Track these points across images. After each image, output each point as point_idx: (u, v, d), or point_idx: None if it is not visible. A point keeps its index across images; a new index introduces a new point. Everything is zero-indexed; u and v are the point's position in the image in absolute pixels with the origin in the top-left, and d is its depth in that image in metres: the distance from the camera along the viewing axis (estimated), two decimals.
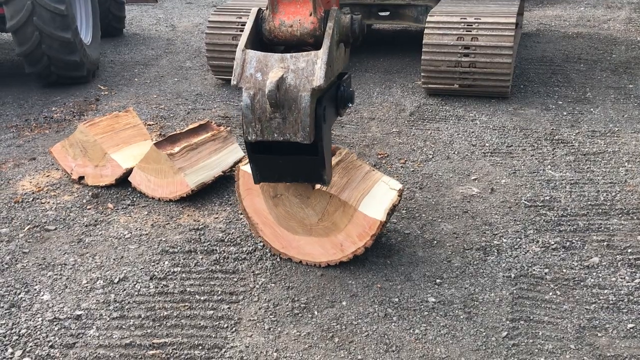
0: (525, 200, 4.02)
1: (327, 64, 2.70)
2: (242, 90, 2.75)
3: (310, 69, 2.69)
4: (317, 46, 2.88)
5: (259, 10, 2.92)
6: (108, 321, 2.98)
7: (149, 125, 5.49)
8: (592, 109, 5.64)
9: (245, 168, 3.36)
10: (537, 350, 2.75)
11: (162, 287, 3.22)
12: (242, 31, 6.32)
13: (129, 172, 4.25)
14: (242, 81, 2.75)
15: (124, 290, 3.21)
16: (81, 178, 4.38)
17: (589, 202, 3.97)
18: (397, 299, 3.09)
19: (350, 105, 3.18)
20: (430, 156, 4.74)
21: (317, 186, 3.19)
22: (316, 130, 2.77)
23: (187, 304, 3.09)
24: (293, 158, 2.87)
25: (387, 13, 7.14)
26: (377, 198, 3.29)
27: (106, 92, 6.59)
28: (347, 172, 3.37)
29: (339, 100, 3.11)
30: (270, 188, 3.31)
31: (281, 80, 2.65)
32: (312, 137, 2.74)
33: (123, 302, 3.11)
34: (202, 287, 3.21)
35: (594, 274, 3.27)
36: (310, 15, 2.84)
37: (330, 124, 3.08)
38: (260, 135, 2.75)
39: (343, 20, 2.90)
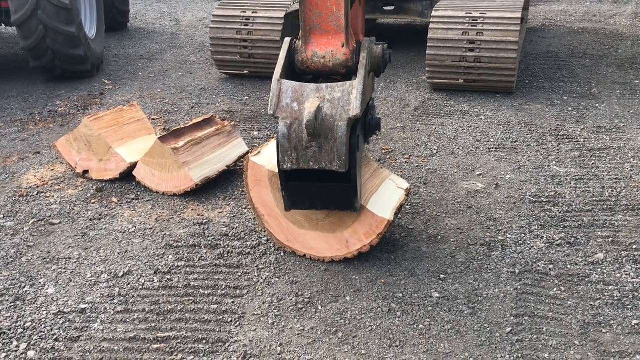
0: (530, 196, 4.01)
1: (362, 94, 2.77)
2: (279, 119, 2.79)
3: (346, 99, 2.76)
4: (348, 76, 2.95)
5: (292, 41, 2.98)
6: (112, 315, 2.99)
7: (153, 119, 5.49)
8: (597, 105, 5.61)
9: (255, 159, 3.38)
10: (541, 346, 2.74)
11: (166, 281, 3.23)
12: (246, 25, 6.33)
13: (133, 166, 4.25)
14: (278, 110, 2.80)
15: (129, 284, 3.21)
16: (85, 172, 4.39)
17: (594, 198, 3.96)
18: (401, 294, 3.09)
19: (377, 132, 3.25)
20: (435, 151, 4.73)
21: None
22: (350, 158, 2.83)
23: (191, 298, 3.09)
24: (326, 186, 2.93)
25: (392, 7, 7.11)
26: (385, 197, 3.31)
27: (110, 87, 6.60)
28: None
29: (367, 128, 3.18)
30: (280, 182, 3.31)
31: (318, 110, 2.72)
32: (347, 166, 2.80)
33: (127, 296, 3.11)
34: (206, 282, 3.22)
35: (599, 270, 3.26)
36: (343, 46, 2.89)
37: (362, 151, 3.16)
38: (296, 164, 2.81)
39: (375, 51, 2.96)
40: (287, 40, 2.99)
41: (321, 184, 2.92)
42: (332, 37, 2.89)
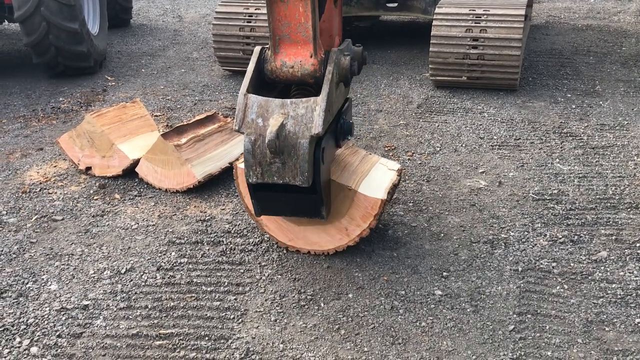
0: (533, 194, 4.00)
1: (325, 111, 2.78)
2: (244, 135, 2.84)
3: (309, 116, 2.78)
4: (317, 86, 2.96)
5: (262, 50, 2.97)
6: (115, 311, 2.99)
7: (156, 116, 5.49)
8: (601, 102, 5.59)
9: (243, 165, 3.35)
10: (544, 344, 2.74)
11: (168, 277, 3.23)
12: (249, 22, 6.32)
13: (136, 163, 4.25)
14: (243, 126, 2.83)
15: (131, 280, 3.22)
16: (88, 169, 4.39)
17: (598, 196, 3.95)
18: (403, 292, 3.09)
19: (349, 138, 3.26)
20: (438, 149, 4.72)
21: None
22: (315, 171, 2.88)
23: (193, 294, 3.09)
24: (293, 195, 2.98)
25: (395, 4, 7.09)
26: (376, 179, 3.32)
27: (113, 83, 6.60)
28: (343, 157, 3.39)
29: (338, 132, 3.19)
30: None
31: (281, 128, 2.74)
32: (310, 181, 2.85)
33: (130, 293, 3.12)
34: (209, 278, 3.22)
35: (602, 268, 3.25)
36: (311, 57, 2.89)
37: (330, 159, 3.18)
38: (261, 178, 2.87)
39: (343, 63, 2.94)
40: (257, 49, 2.99)
41: (288, 194, 2.98)
42: (301, 47, 2.90)
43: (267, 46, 2.98)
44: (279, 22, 2.87)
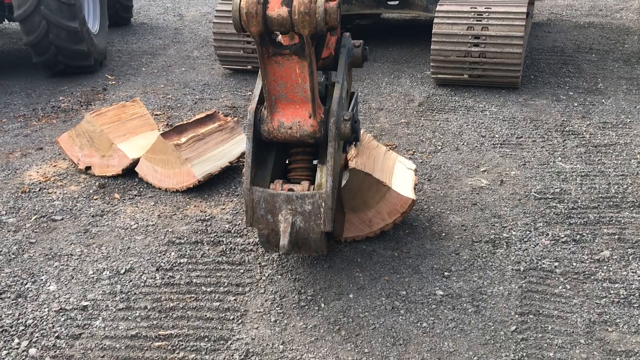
0: (535, 193, 3.98)
1: (331, 209, 2.80)
2: (257, 229, 2.93)
3: (317, 213, 2.80)
4: (317, 145, 2.94)
5: (257, 111, 2.87)
6: (114, 312, 2.97)
7: (156, 115, 5.47)
8: (603, 100, 5.56)
9: None
10: (546, 345, 2.71)
11: (168, 278, 3.21)
12: None
13: (136, 162, 4.23)
14: (255, 222, 2.88)
15: (130, 281, 3.20)
16: (88, 168, 4.37)
17: (600, 195, 3.92)
18: (404, 292, 3.06)
19: (356, 145, 3.27)
20: (439, 147, 4.69)
21: (352, 166, 3.26)
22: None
23: (193, 295, 3.08)
24: None
25: (397, 2, 7.05)
26: (400, 178, 3.46)
27: (113, 82, 6.58)
28: (370, 152, 3.48)
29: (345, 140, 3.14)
30: None
31: (292, 228, 2.79)
32: (326, 252, 3.05)
33: (129, 293, 3.10)
34: (209, 279, 3.20)
35: (605, 267, 3.23)
36: (310, 117, 2.81)
37: (342, 164, 3.21)
38: (283, 255, 3.11)
39: (344, 131, 2.85)
40: (251, 109, 2.85)
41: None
42: (299, 107, 2.81)
43: (263, 106, 2.88)
44: (274, 82, 2.77)
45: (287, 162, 3.11)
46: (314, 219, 2.79)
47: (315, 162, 3.02)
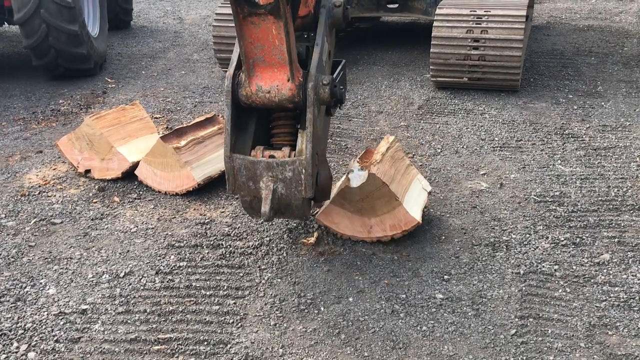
0: (534, 196, 3.98)
1: (312, 175, 2.81)
2: (240, 196, 2.96)
3: (298, 179, 2.80)
4: (296, 110, 2.90)
5: (234, 74, 2.83)
6: (113, 316, 2.97)
7: (156, 118, 5.47)
8: (603, 103, 5.56)
9: None
10: (546, 349, 2.71)
11: (167, 281, 3.21)
12: None
13: (136, 165, 4.23)
14: (237, 189, 2.90)
15: (130, 284, 3.19)
16: (87, 171, 4.37)
17: (600, 198, 3.92)
18: (404, 295, 3.06)
19: (340, 106, 3.21)
20: (439, 150, 4.69)
21: (373, 171, 3.29)
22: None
23: (192, 298, 3.07)
24: None
25: (396, 5, 7.07)
26: (414, 196, 3.51)
27: (113, 85, 6.58)
28: (394, 162, 3.53)
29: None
30: None
31: (273, 195, 2.81)
32: (310, 216, 3.08)
33: (129, 297, 3.09)
34: (208, 282, 3.19)
35: (605, 271, 3.22)
36: (288, 80, 2.77)
37: (326, 127, 3.21)
38: (265, 221, 3.13)
39: (322, 96, 2.81)
40: (229, 74, 2.82)
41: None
42: (278, 70, 2.76)
43: (241, 71, 2.83)
44: (251, 44, 2.72)
45: (270, 127, 3.07)
46: (295, 185, 2.80)
47: (298, 126, 2.99)
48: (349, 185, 3.33)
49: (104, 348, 2.76)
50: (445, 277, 3.20)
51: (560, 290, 3.08)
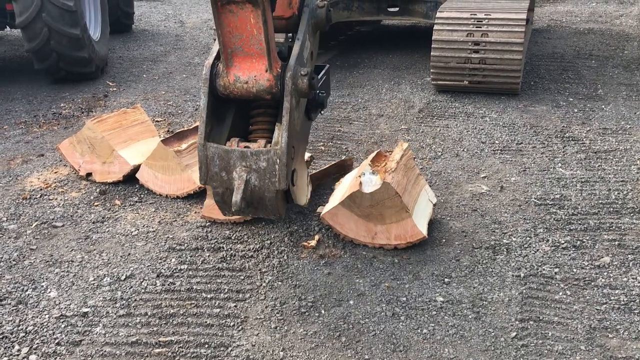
0: (535, 199, 3.98)
1: (287, 165, 2.74)
2: (212, 188, 2.87)
3: (272, 170, 2.74)
4: (275, 102, 2.86)
5: (213, 64, 2.81)
6: (114, 319, 2.97)
7: (157, 121, 5.48)
8: (603, 106, 5.57)
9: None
10: (546, 351, 2.71)
11: (168, 284, 3.21)
12: None
13: (137, 168, 4.24)
14: (209, 180, 2.84)
15: (131, 287, 3.20)
16: (89, 175, 4.38)
17: (600, 201, 3.92)
18: (405, 298, 3.06)
19: (321, 111, 3.21)
20: (439, 153, 4.70)
21: (387, 180, 3.30)
22: (287, 201, 2.95)
23: (193, 301, 3.08)
24: None
25: (397, 9, 7.09)
26: (421, 208, 3.54)
27: (114, 89, 6.60)
28: (406, 171, 3.55)
29: (310, 105, 3.10)
30: None
31: (246, 185, 2.73)
32: (284, 214, 2.93)
33: (130, 300, 3.10)
34: (209, 285, 3.20)
35: (605, 273, 3.22)
36: (267, 71, 2.75)
37: (307, 131, 3.21)
38: (237, 214, 3.00)
39: (301, 86, 2.78)
40: (208, 63, 2.80)
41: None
42: (256, 60, 2.73)
43: (219, 61, 2.81)
44: (229, 34, 2.69)
45: (248, 124, 3.04)
46: (269, 176, 2.74)
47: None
48: (361, 189, 3.34)
49: (105, 351, 2.77)
50: (446, 280, 3.20)
51: (560, 293, 3.08)
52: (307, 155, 3.94)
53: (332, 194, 3.73)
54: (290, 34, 3.08)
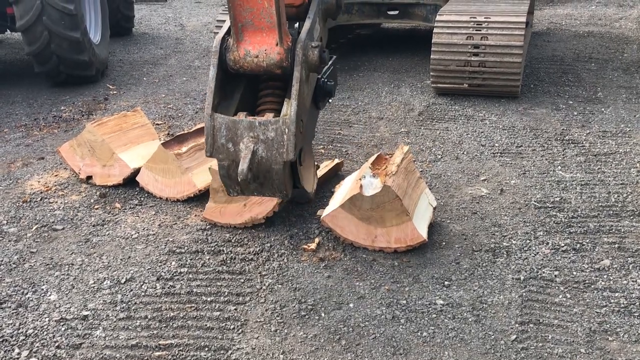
0: (535, 202, 3.98)
1: (295, 135, 2.69)
2: (217, 161, 2.79)
3: (280, 140, 2.69)
4: (284, 76, 2.83)
5: (223, 39, 2.81)
6: (114, 322, 2.97)
7: (157, 124, 5.49)
8: (603, 109, 5.58)
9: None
10: (546, 354, 2.71)
11: (168, 287, 3.22)
12: None
13: (137, 171, 4.24)
14: (215, 152, 2.77)
15: (131, 290, 3.20)
16: (89, 178, 4.38)
17: (600, 204, 3.92)
18: (405, 301, 3.07)
19: (329, 100, 3.20)
20: (439, 156, 4.70)
21: (388, 183, 3.31)
22: (294, 180, 2.89)
23: (193, 304, 3.08)
24: None
25: (397, 12, 7.10)
26: (421, 211, 3.54)
27: (115, 92, 6.60)
28: (407, 175, 3.56)
29: (318, 93, 3.09)
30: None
31: (252, 157, 2.68)
32: (290, 194, 2.86)
33: (130, 303, 3.10)
34: (209, 288, 3.20)
35: (605, 276, 3.23)
36: (277, 45, 2.73)
37: (314, 121, 3.19)
38: (241, 193, 2.88)
39: (311, 58, 2.78)
40: (218, 38, 2.80)
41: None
42: (266, 34, 2.72)
43: (230, 36, 2.81)
44: (240, 7, 2.68)
45: (257, 100, 3.01)
46: (277, 147, 2.68)
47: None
48: (362, 192, 3.35)
49: (105, 354, 2.77)
50: (446, 283, 3.20)
51: (560, 296, 3.08)
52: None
53: (332, 197, 3.74)
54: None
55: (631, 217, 3.76)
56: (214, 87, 2.78)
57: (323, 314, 2.99)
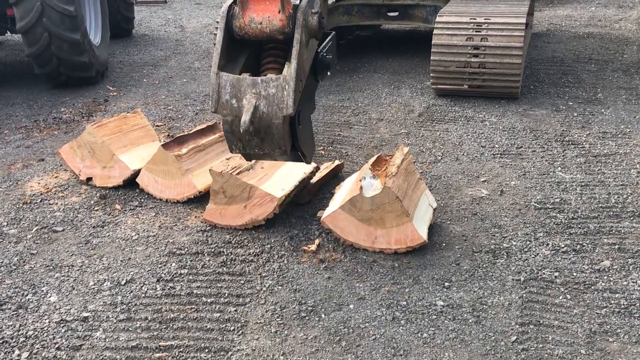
0: (535, 203, 3.98)
1: (295, 91, 2.84)
2: (221, 116, 2.93)
3: (280, 96, 2.84)
4: (286, 42, 2.99)
5: (230, 6, 2.99)
6: (115, 323, 2.97)
7: (157, 126, 5.49)
8: (603, 110, 5.58)
9: None
10: (546, 355, 2.71)
11: (169, 289, 3.22)
12: None
13: (137, 173, 4.24)
14: (219, 108, 2.92)
15: (131, 292, 3.20)
16: (89, 179, 4.38)
17: (600, 205, 3.92)
18: (405, 303, 3.06)
19: (328, 73, 3.31)
20: (439, 157, 4.71)
21: (388, 185, 3.33)
22: (293, 139, 3.00)
23: (193, 306, 3.08)
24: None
25: (396, 13, 7.11)
26: (421, 212, 3.55)
27: (115, 93, 6.61)
28: (407, 175, 3.57)
29: (317, 66, 3.23)
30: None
31: (254, 111, 2.82)
32: (289, 151, 3.00)
33: (130, 304, 3.10)
34: (209, 289, 3.20)
35: (605, 277, 3.23)
36: (279, 12, 2.91)
37: (312, 92, 3.29)
38: (243, 150, 3.03)
39: (311, 23, 2.95)
40: (226, 5, 2.99)
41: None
42: (269, 2, 2.92)
43: (235, 4, 2.99)
44: None
45: (260, 65, 3.16)
46: (277, 102, 2.84)
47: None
48: (362, 194, 3.36)
49: (105, 355, 2.77)
50: (446, 284, 3.20)
51: (560, 297, 3.08)
52: (312, 165, 3.96)
53: (333, 198, 3.74)
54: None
55: (631, 218, 3.76)
56: (220, 49, 2.95)
57: (323, 315, 2.99)
